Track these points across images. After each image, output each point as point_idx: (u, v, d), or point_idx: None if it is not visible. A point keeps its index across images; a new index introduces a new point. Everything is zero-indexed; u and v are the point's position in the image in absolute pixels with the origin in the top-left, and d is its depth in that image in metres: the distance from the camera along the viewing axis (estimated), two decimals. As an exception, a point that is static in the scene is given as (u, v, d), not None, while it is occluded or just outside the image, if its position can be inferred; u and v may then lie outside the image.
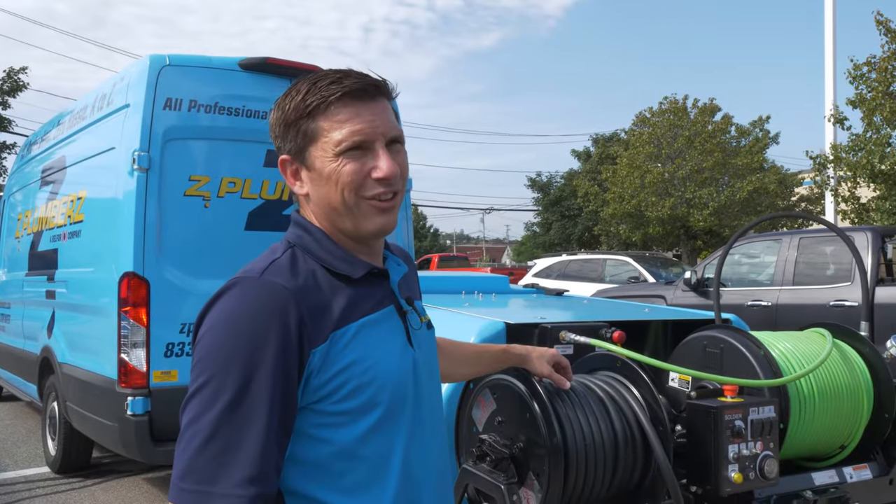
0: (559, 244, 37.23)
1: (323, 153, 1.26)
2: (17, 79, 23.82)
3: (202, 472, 1.10)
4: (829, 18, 15.77)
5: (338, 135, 1.25)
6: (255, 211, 4.80)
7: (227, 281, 1.25)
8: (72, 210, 5.46)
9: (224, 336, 1.16)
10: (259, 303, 1.18)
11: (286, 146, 1.30)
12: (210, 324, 1.19)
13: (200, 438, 1.11)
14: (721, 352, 2.56)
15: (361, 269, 1.31)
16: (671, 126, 25.00)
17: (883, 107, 13.73)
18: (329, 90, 1.25)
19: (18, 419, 7.78)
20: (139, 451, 4.38)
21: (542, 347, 1.92)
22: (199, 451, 1.11)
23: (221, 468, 1.10)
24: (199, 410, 1.13)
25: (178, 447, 1.14)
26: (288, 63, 4.94)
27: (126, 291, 4.37)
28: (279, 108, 1.31)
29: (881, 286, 7.05)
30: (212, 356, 1.16)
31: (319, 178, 1.28)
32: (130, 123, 4.55)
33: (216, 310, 1.20)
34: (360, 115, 1.25)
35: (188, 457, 1.11)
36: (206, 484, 1.10)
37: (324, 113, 1.25)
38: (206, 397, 1.13)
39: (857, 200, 14.88)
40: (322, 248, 1.30)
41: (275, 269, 1.24)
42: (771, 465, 2.17)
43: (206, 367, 1.15)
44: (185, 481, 1.11)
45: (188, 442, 1.12)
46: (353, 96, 1.26)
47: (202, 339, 1.18)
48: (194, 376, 1.16)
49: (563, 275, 14.50)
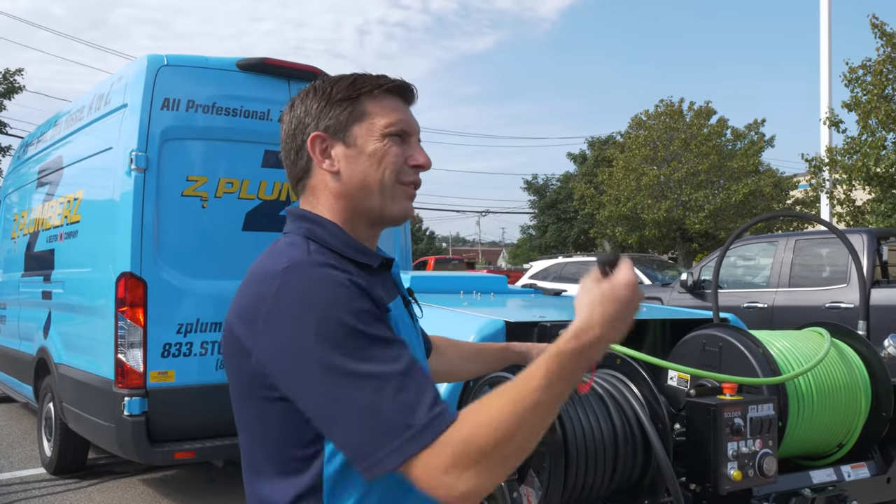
0: (555, 247, 37.25)
1: (368, 132, 1.32)
2: (14, 81, 23.74)
3: (386, 429, 1.07)
4: (824, 21, 15.82)
5: (385, 119, 1.32)
6: (252, 211, 4.80)
7: (261, 273, 1.22)
8: (68, 210, 5.44)
9: (316, 313, 1.13)
10: (331, 277, 1.18)
11: (321, 123, 1.33)
12: (290, 310, 1.15)
13: (360, 405, 1.08)
14: (720, 350, 2.57)
15: (376, 259, 1.34)
16: (667, 129, 25.05)
17: (878, 110, 13.78)
18: (380, 80, 1.35)
19: (14, 420, 7.76)
20: (136, 451, 4.36)
21: (542, 344, 1.92)
22: (371, 415, 1.08)
23: (399, 412, 1.08)
24: (340, 387, 1.10)
25: (336, 433, 1.11)
26: (285, 63, 4.95)
27: (123, 292, 4.36)
28: (317, 91, 1.35)
29: (876, 288, 7.08)
30: (311, 335, 1.12)
31: (359, 156, 1.32)
32: (128, 123, 4.55)
33: (289, 296, 1.16)
34: (401, 111, 1.36)
35: (365, 426, 1.08)
36: (404, 430, 1.07)
37: (373, 98, 1.33)
38: (342, 370, 1.10)
39: (852, 203, 14.93)
40: (338, 239, 1.31)
41: (318, 254, 1.24)
42: (770, 463, 2.17)
43: (314, 348, 1.12)
44: (383, 447, 1.07)
45: (357, 417, 1.09)
46: (397, 93, 1.36)
47: (289, 328, 1.14)
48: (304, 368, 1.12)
49: (560, 277, 14.50)
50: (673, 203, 24.21)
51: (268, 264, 1.24)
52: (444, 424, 1.07)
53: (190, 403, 4.49)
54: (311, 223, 1.33)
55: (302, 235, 1.31)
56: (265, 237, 4.77)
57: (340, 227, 1.33)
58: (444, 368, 1.73)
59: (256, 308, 1.19)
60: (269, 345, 1.16)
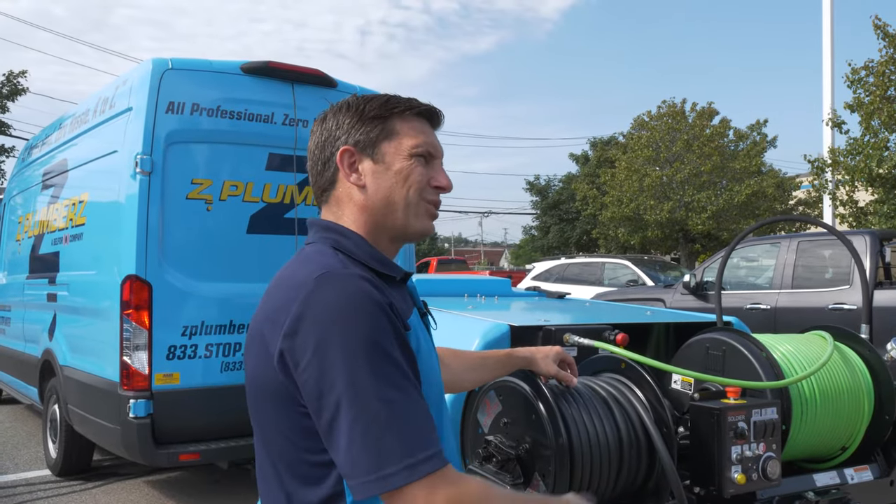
0: (557, 247, 37.23)
1: (396, 151, 1.36)
2: (17, 82, 23.79)
3: (393, 452, 1.09)
4: (827, 22, 15.81)
5: (413, 140, 1.37)
6: (256, 214, 4.81)
7: (293, 280, 1.24)
8: (73, 213, 5.47)
9: (343, 325, 1.15)
10: (363, 289, 1.20)
11: (352, 138, 1.37)
12: (318, 319, 1.17)
13: (372, 424, 1.10)
14: (723, 354, 2.57)
15: (398, 272, 1.37)
16: (669, 129, 25.04)
17: (881, 111, 13.77)
18: (411, 102, 1.40)
19: (19, 422, 7.78)
20: (141, 453, 4.38)
21: (545, 347, 1.93)
22: (378, 436, 1.10)
23: (408, 439, 1.10)
24: (355, 402, 1.12)
25: (341, 445, 1.12)
26: (290, 67, 4.96)
27: (128, 294, 4.38)
28: (350, 106, 1.39)
29: (879, 289, 7.08)
30: (336, 347, 1.14)
31: (386, 172, 1.36)
32: (133, 127, 4.57)
33: (318, 305, 1.18)
34: (428, 134, 1.41)
35: (372, 444, 1.10)
36: (407, 456, 1.09)
37: (404, 119, 1.38)
38: (352, 389, 1.12)
39: (854, 204, 14.92)
40: (363, 251, 1.34)
41: (349, 265, 1.28)
42: (773, 467, 2.18)
43: (336, 359, 1.14)
44: (385, 468, 1.09)
45: (362, 435, 1.10)
46: (426, 116, 1.42)
47: (314, 336, 1.16)
48: (324, 376, 1.14)
49: (562, 278, 14.50)
50: (675, 204, 24.20)
51: (299, 271, 1.26)
52: (440, 464, 1.11)
53: (195, 405, 4.51)
54: (337, 234, 1.35)
55: (329, 245, 1.33)
56: (269, 240, 4.79)
57: (365, 238, 1.36)
58: (448, 378, 1.74)
59: (285, 311, 1.20)
60: (292, 347, 1.18)
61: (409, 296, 1.42)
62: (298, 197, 4.97)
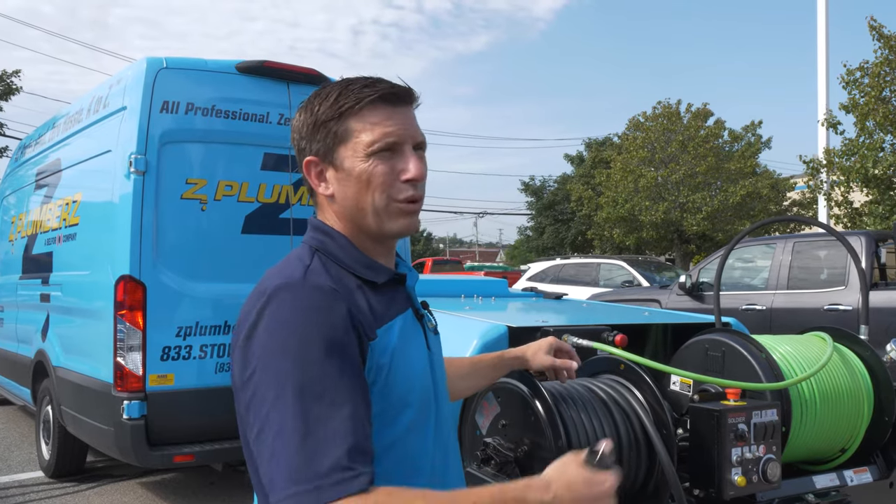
0: (552, 248, 37.26)
1: (353, 153, 1.28)
2: (10, 82, 23.68)
3: (303, 470, 1.06)
4: (822, 23, 15.85)
5: (369, 136, 1.27)
6: (251, 214, 4.78)
7: (259, 289, 1.24)
8: (67, 213, 5.43)
9: (284, 337, 1.15)
10: (314, 302, 1.18)
11: (313, 147, 1.32)
12: (266, 330, 1.17)
13: (289, 440, 1.08)
14: (723, 355, 2.56)
15: (384, 275, 1.33)
16: (664, 130, 25.09)
17: (876, 112, 13.81)
18: (363, 93, 1.28)
19: (11, 423, 7.73)
20: (135, 455, 4.35)
21: (536, 342, 1.85)
22: (294, 452, 1.08)
23: (317, 457, 1.07)
24: (278, 414, 1.11)
25: (264, 458, 1.11)
26: (285, 66, 4.94)
27: (122, 295, 4.35)
28: (306, 110, 1.32)
29: (875, 290, 7.09)
30: (277, 359, 1.14)
31: (348, 178, 1.30)
32: (127, 126, 4.53)
33: (268, 317, 1.18)
34: (392, 119, 1.29)
35: (285, 461, 1.08)
36: (313, 478, 1.06)
37: (356, 114, 1.28)
38: (281, 400, 1.11)
39: (849, 205, 14.96)
40: (346, 254, 1.31)
41: (314, 274, 1.25)
42: (773, 469, 2.17)
43: (273, 371, 1.13)
44: (293, 486, 1.06)
45: (280, 449, 1.09)
46: (385, 100, 1.29)
47: (260, 347, 1.16)
48: (261, 386, 1.14)
49: (558, 278, 14.50)
50: (671, 205, 24.25)
51: (267, 279, 1.26)
52: (351, 489, 1.06)
53: (189, 407, 4.47)
54: (324, 235, 1.34)
55: (312, 247, 1.32)
56: (264, 240, 4.76)
57: (350, 240, 1.33)
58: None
59: (244, 320, 1.22)
60: (241, 357, 1.19)
61: (406, 296, 1.38)
62: (293, 197, 4.94)
